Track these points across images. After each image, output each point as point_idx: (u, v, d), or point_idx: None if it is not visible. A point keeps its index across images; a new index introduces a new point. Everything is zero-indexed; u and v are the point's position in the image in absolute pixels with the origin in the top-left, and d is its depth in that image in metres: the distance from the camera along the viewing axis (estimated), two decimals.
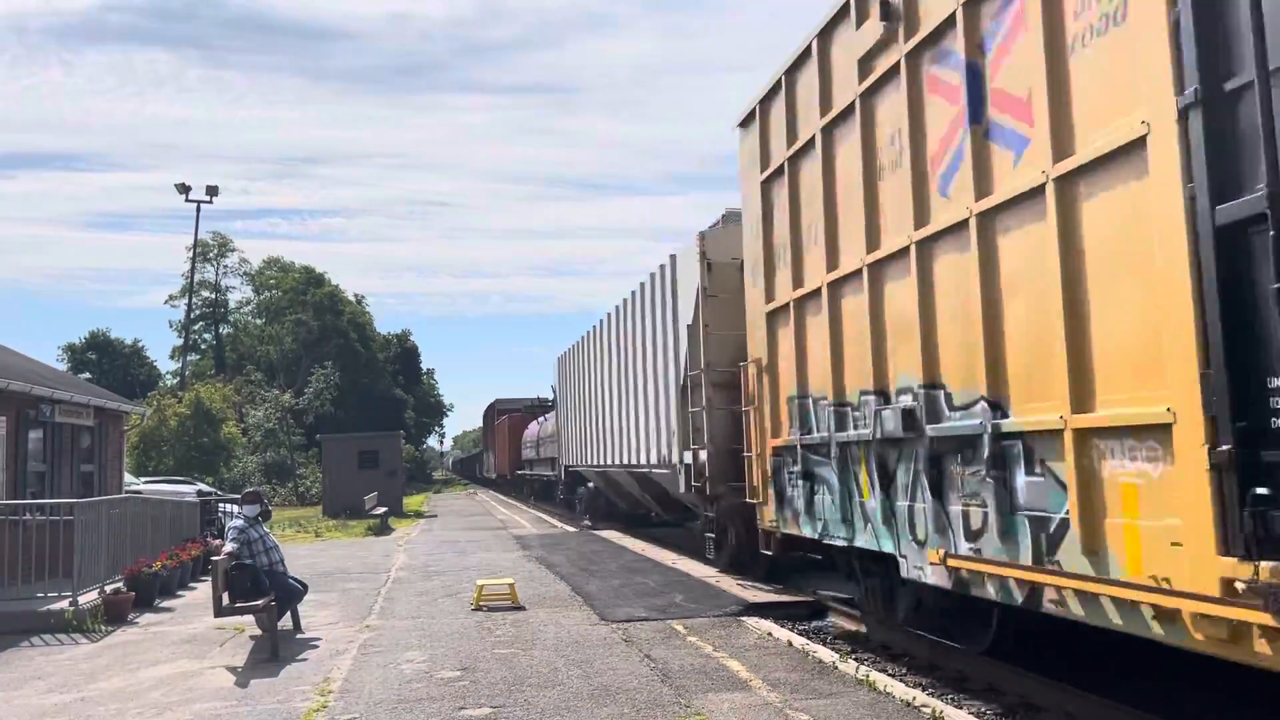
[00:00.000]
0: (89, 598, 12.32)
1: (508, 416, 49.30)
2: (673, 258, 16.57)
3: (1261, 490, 4.78)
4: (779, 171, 11.11)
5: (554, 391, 33.35)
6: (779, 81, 11.01)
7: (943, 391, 7.70)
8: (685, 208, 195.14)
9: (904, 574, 8.37)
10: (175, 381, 65.17)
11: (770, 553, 11.94)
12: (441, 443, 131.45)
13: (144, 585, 13.43)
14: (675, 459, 16.06)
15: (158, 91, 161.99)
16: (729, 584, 13.44)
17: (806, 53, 10.20)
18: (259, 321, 78.60)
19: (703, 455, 14.29)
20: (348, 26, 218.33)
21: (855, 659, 9.03)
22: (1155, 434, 5.50)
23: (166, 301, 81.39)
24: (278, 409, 54.25)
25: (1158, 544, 5.48)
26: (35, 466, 16.20)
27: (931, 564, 7.79)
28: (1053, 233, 6.34)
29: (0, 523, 13.22)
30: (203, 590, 14.54)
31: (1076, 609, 6.28)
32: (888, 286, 8.61)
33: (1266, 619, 4.70)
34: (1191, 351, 5.14)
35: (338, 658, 9.56)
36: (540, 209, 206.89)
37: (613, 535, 22.79)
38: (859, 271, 9.00)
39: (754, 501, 12.12)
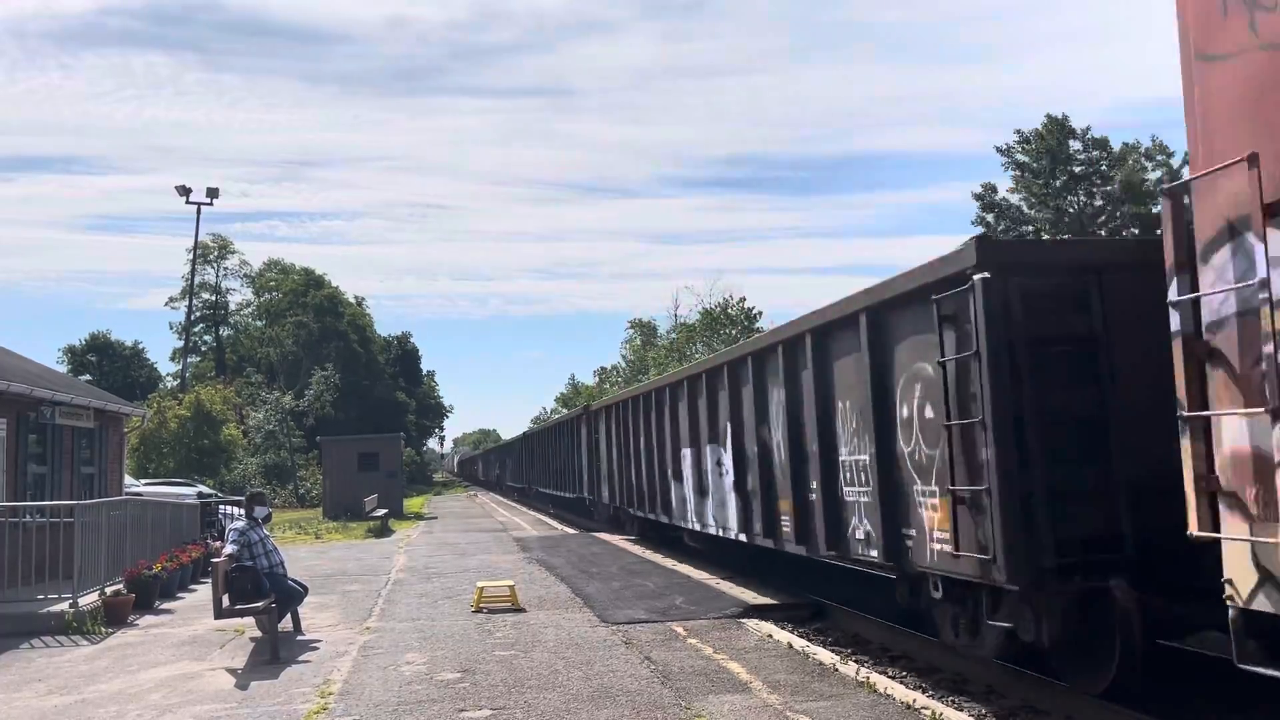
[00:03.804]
0: (89, 600, 12.32)
1: None
2: None
3: None
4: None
5: None
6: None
7: None
8: (682, 210, 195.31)
9: None
10: (175, 383, 65.20)
11: None
12: (442, 445, 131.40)
13: (144, 587, 13.42)
14: None
15: (156, 95, 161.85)
16: (729, 586, 13.43)
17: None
18: (259, 323, 78.57)
19: None
20: (345, 30, 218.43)
21: (855, 661, 9.02)
22: None
23: (167, 303, 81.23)
24: (278, 411, 54.23)
25: None
26: (35, 468, 16.20)
27: None
28: None
29: (0, 524, 13.21)
30: (203, 592, 14.54)
31: None
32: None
33: None
34: None
35: (338, 659, 9.56)
36: (538, 211, 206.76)
37: (612, 538, 22.79)
38: None
39: None
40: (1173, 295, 5.17)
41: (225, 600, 10.29)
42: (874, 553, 8.94)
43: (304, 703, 7.89)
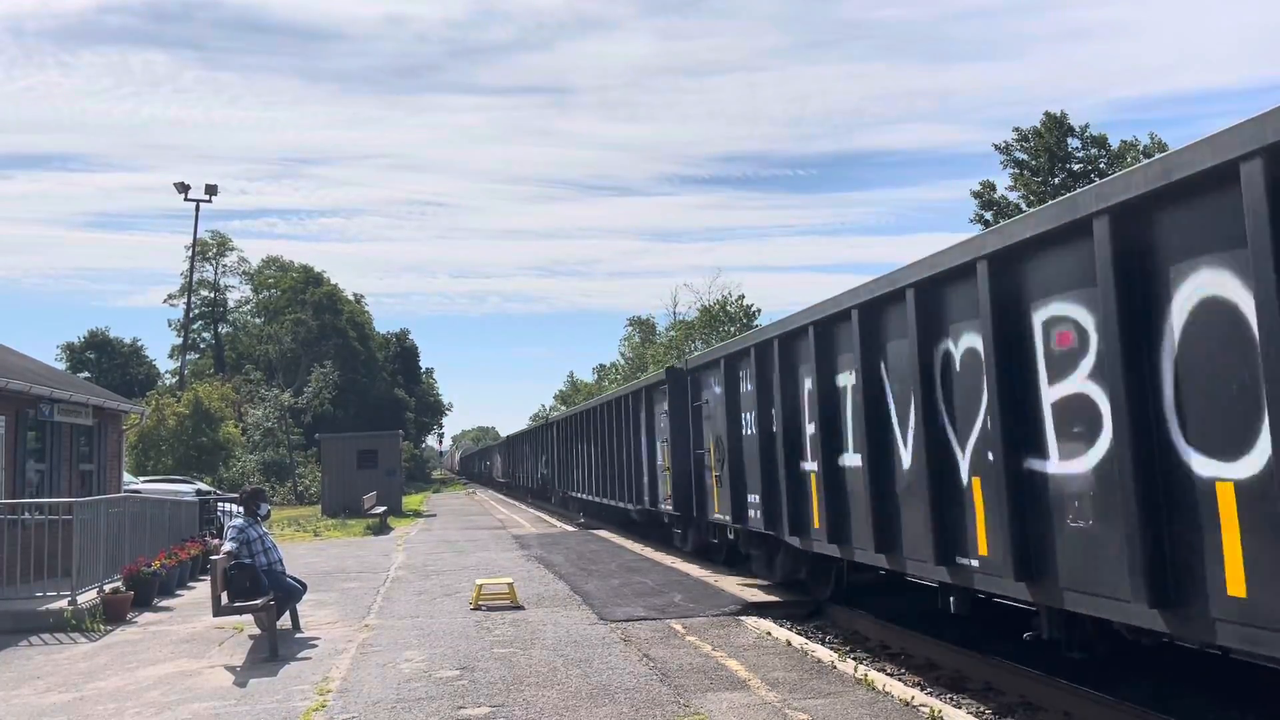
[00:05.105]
0: (88, 597, 12.32)
1: None
2: None
3: None
4: None
5: None
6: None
7: None
8: (680, 208, 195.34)
9: None
10: (174, 381, 65.14)
11: None
12: (440, 442, 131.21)
13: (143, 584, 13.43)
14: None
15: (154, 92, 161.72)
16: (727, 583, 13.43)
17: None
18: (258, 321, 78.58)
19: None
20: (343, 28, 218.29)
21: (853, 658, 9.03)
22: None
23: (165, 301, 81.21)
24: (277, 408, 54.21)
25: None
26: (34, 465, 16.20)
27: None
28: None
29: None
30: (201, 589, 14.54)
31: None
32: None
33: None
34: None
35: (337, 657, 9.56)
36: (536, 209, 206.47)
37: (611, 535, 22.79)
38: None
39: None
40: None
41: (224, 598, 10.29)
42: None
43: (302, 700, 7.89)
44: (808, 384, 10.46)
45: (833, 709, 7.09)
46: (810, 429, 10.40)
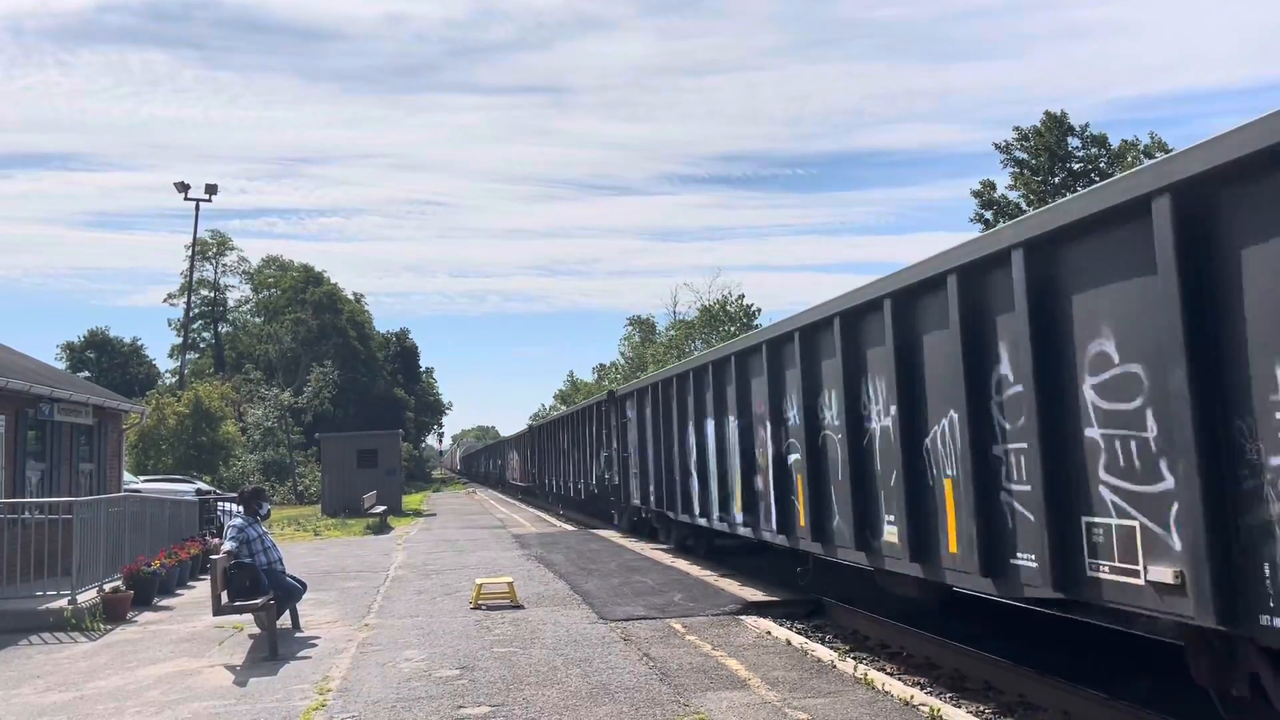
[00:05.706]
0: (88, 596, 12.32)
1: None
2: None
3: None
4: None
5: None
6: None
7: None
8: (680, 207, 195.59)
9: None
10: (174, 380, 65.15)
11: None
12: (440, 441, 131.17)
13: (143, 584, 13.43)
14: None
15: (154, 92, 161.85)
16: (727, 583, 13.44)
17: None
18: (258, 320, 78.61)
19: None
20: (343, 27, 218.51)
21: (853, 657, 9.03)
22: None
23: (165, 300, 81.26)
24: (276, 408, 54.20)
25: None
26: (34, 465, 16.20)
27: None
28: None
29: None
30: (201, 589, 14.54)
31: None
32: None
33: None
34: None
35: (336, 656, 9.56)
36: (536, 209, 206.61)
37: (611, 535, 22.80)
38: None
39: None
40: None
41: (224, 597, 10.30)
42: None
43: (302, 699, 7.89)
44: None
45: (833, 708, 7.10)
46: None
